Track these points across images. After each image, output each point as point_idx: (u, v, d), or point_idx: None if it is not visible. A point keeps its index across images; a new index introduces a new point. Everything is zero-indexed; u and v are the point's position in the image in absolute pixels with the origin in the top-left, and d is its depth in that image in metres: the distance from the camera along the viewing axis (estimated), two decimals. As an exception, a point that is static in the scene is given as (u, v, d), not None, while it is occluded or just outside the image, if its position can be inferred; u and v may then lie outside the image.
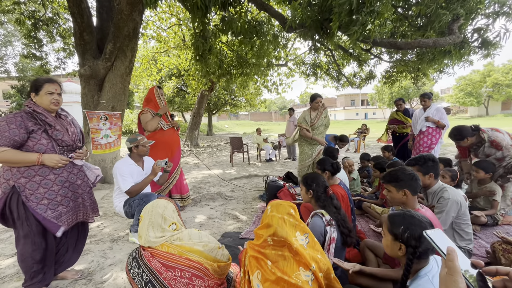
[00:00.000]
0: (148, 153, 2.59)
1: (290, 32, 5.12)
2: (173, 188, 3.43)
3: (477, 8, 3.79)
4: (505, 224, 2.78)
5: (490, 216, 2.71)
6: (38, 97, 1.65)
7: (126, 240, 2.59)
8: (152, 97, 3.29)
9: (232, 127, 35.05)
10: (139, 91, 18.49)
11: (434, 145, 3.99)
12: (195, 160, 8.36)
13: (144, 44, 10.22)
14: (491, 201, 2.77)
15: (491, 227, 2.70)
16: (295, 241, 1.16)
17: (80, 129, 1.88)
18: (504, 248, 1.92)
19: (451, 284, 0.56)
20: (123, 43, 4.59)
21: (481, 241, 2.41)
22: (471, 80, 32.47)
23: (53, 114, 1.72)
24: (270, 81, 10.17)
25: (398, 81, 7.93)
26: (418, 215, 1.11)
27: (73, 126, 1.81)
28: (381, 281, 1.55)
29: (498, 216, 2.76)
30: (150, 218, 1.21)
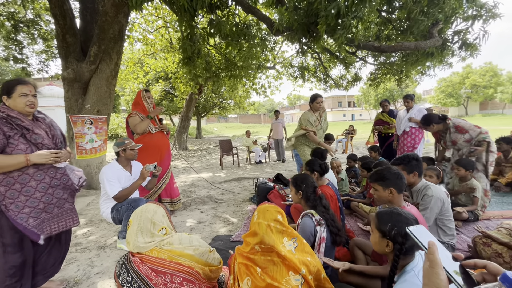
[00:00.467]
0: (136, 157, 2.55)
1: (278, 35, 5.18)
2: (163, 192, 3.39)
3: (456, 12, 3.97)
4: (485, 219, 2.90)
5: (471, 212, 2.83)
6: (11, 100, 1.56)
7: (114, 247, 2.52)
8: (139, 101, 3.24)
9: (221, 129, 34.88)
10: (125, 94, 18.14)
11: (417, 145, 4.14)
12: (184, 163, 8.27)
13: (130, 46, 10.06)
14: (472, 197, 2.90)
15: (472, 222, 2.82)
16: (282, 248, 1.17)
17: (60, 130, 1.81)
18: (484, 242, 2.01)
19: (433, 276, 0.59)
20: (108, 45, 4.50)
21: (463, 236, 2.51)
22: (451, 81, 33.85)
23: (29, 117, 1.63)
24: (259, 84, 10.22)
25: (383, 83, 8.17)
26: (404, 212, 1.15)
27: (53, 128, 1.74)
28: (370, 278, 1.58)
29: (479, 211, 2.88)
30: (139, 223, 1.19)
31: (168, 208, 3.41)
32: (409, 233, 0.70)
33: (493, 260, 1.92)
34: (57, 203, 1.71)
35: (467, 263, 0.64)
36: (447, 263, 0.61)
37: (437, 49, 4.36)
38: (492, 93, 31.70)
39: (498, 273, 0.61)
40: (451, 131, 3.14)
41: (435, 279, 0.58)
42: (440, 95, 34.63)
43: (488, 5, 3.92)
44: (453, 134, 3.14)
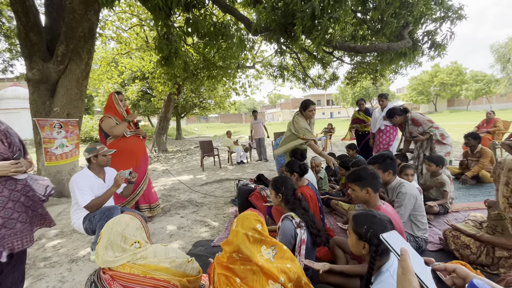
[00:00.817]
0: (109, 163, 2.42)
1: (256, 35, 5.17)
2: (140, 198, 3.26)
3: (425, 14, 4.17)
4: (454, 211, 3.08)
5: (442, 205, 2.99)
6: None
7: (87, 259, 2.39)
8: (111, 104, 3.08)
9: (202, 130, 34.38)
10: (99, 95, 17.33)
11: (392, 142, 4.31)
12: (163, 166, 8.04)
13: (102, 45, 9.59)
14: (442, 191, 3.06)
15: (443, 215, 2.98)
16: (259, 258, 1.16)
17: (19, 138, 1.66)
18: (454, 234, 2.12)
19: (406, 283, 0.60)
20: (77, 44, 4.25)
21: (435, 229, 2.64)
22: (422, 80, 35.76)
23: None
24: (239, 83, 10.17)
25: (359, 81, 8.43)
26: (379, 214, 1.18)
27: (9, 136, 1.59)
28: (350, 278, 1.62)
29: (448, 204, 3.05)
30: (108, 237, 1.12)
31: (147, 214, 3.29)
32: (383, 240, 0.71)
33: (462, 251, 2.04)
34: (19, 217, 1.57)
35: (438, 267, 0.66)
36: (419, 269, 0.62)
37: (409, 49, 4.56)
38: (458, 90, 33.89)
39: (467, 276, 0.63)
40: (409, 123, 3.49)
41: (408, 286, 0.59)
42: (412, 93, 36.49)
43: (454, 7, 4.15)
44: (410, 126, 3.48)
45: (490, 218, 2.08)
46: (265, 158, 7.97)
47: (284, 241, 1.69)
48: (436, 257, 2.15)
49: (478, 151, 4.16)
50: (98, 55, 9.74)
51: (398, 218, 1.78)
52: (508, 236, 1.84)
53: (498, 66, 25.66)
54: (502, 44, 24.85)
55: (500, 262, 1.87)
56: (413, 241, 2.17)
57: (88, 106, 24.32)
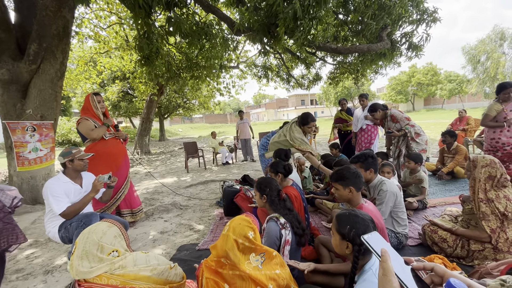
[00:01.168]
0: (86, 168, 2.31)
1: (239, 35, 5.15)
2: (122, 203, 3.14)
3: (403, 16, 4.33)
4: (432, 206, 3.21)
5: (420, 201, 3.11)
6: None
7: (64, 269, 2.27)
8: (88, 106, 2.94)
9: (187, 130, 33.85)
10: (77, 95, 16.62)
11: (373, 140, 4.44)
12: (146, 168, 7.83)
13: (79, 44, 9.19)
14: (420, 188, 3.19)
15: (421, 210, 3.10)
16: (247, 266, 1.15)
17: None
18: (432, 229, 2.21)
19: (386, 284, 0.61)
20: (51, 43, 4.05)
21: (415, 224, 2.74)
22: (400, 80, 37.23)
23: None
24: (223, 83, 10.09)
25: (341, 81, 8.61)
26: (361, 213, 1.20)
27: None
28: (335, 276, 1.64)
29: (426, 200, 3.18)
30: (84, 247, 1.06)
31: (129, 219, 3.18)
32: (364, 241, 0.72)
33: (439, 244, 2.12)
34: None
35: (417, 266, 0.67)
36: (399, 268, 0.63)
37: (388, 50, 4.72)
38: (434, 90, 35.57)
39: (444, 274, 0.65)
40: (388, 119, 3.67)
41: (388, 287, 0.60)
42: (391, 93, 37.89)
43: (429, 10, 4.34)
44: (389, 122, 3.67)
45: (465, 212, 2.19)
46: (252, 158, 7.96)
47: (269, 242, 1.69)
48: (416, 252, 2.23)
49: (454, 148, 4.37)
50: (75, 54, 9.33)
51: (379, 216, 1.82)
52: (481, 229, 1.94)
53: (469, 67, 27.15)
54: (473, 46, 26.33)
55: (475, 254, 1.97)
56: (394, 237, 2.23)
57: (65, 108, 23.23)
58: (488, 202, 1.92)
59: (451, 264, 1.77)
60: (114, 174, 2.99)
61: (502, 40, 24.85)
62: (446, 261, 1.77)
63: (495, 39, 25.15)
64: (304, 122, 3.03)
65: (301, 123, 3.06)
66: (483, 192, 1.94)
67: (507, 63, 24.72)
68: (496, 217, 1.89)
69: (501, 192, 1.90)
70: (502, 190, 1.93)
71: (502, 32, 24.66)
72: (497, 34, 24.94)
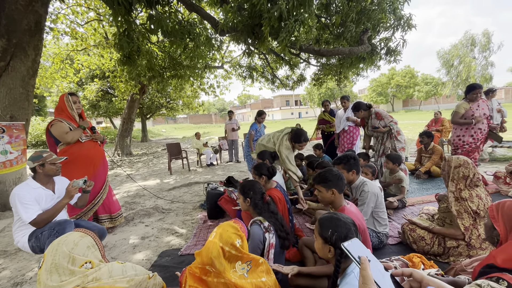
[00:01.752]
0: (59, 172, 2.18)
1: (223, 35, 5.10)
2: (100, 208, 2.99)
3: (381, 21, 4.46)
4: (410, 205, 3.33)
5: (400, 200, 3.21)
6: None
7: (35, 281, 2.12)
8: (63, 106, 2.78)
9: (170, 131, 33.16)
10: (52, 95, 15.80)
11: (355, 141, 4.55)
12: (127, 170, 7.57)
13: (54, 40, 8.73)
14: (400, 187, 3.29)
15: (401, 209, 3.20)
16: (233, 274, 1.13)
17: None
18: (410, 228, 2.28)
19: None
20: (22, 39, 3.81)
21: (395, 223, 2.82)
22: (380, 82, 38.56)
23: None
24: (207, 83, 9.96)
25: (325, 83, 8.76)
26: (343, 217, 1.20)
27: None
28: (318, 279, 1.64)
29: (405, 199, 3.29)
30: (53, 259, 0.99)
31: (107, 225, 3.04)
32: (344, 249, 0.72)
33: (417, 243, 2.19)
34: None
35: (396, 273, 0.68)
36: (379, 276, 0.63)
37: (368, 54, 4.85)
38: (412, 92, 37.14)
39: (422, 280, 0.65)
40: (372, 117, 3.79)
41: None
42: (372, 94, 39.17)
43: (405, 16, 4.51)
44: (373, 120, 3.77)
45: (440, 210, 2.28)
46: (237, 159, 7.91)
47: (253, 246, 1.67)
48: (396, 250, 2.29)
49: (431, 148, 4.56)
50: (49, 51, 8.84)
51: (361, 217, 1.85)
52: (456, 227, 2.02)
53: (443, 70, 28.63)
54: (446, 51, 27.76)
55: (450, 251, 2.05)
56: (375, 237, 2.28)
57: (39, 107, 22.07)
58: (461, 201, 2.00)
59: (429, 262, 1.83)
60: (91, 178, 2.85)
61: (473, 46, 26.40)
62: (424, 259, 1.82)
63: (466, 45, 26.67)
64: (296, 140, 2.93)
65: (293, 139, 2.96)
66: (457, 192, 2.03)
67: (478, 67, 26.28)
68: (469, 215, 1.97)
69: (474, 191, 2.00)
70: (474, 189, 2.02)
71: (472, 38, 26.19)
72: (468, 40, 26.46)
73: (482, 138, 3.52)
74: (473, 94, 3.40)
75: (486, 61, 26.30)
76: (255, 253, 1.65)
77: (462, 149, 3.56)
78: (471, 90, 3.42)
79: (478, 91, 3.38)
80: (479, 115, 3.40)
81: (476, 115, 3.39)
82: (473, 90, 3.40)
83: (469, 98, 3.45)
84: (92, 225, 2.31)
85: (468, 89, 3.48)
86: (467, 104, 3.46)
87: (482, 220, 1.98)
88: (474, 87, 3.42)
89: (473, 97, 3.41)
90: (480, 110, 3.42)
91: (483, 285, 0.67)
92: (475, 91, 3.39)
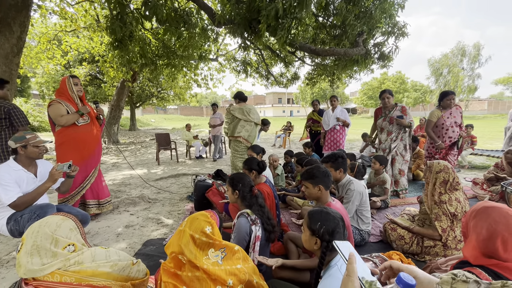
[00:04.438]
0: (42, 155, 2.11)
1: (219, 27, 5.04)
2: (88, 192, 2.93)
3: (377, 26, 4.53)
4: (393, 206, 3.44)
5: (383, 201, 3.31)
6: None
7: (12, 265, 2.06)
8: (64, 88, 2.76)
9: (160, 121, 32.60)
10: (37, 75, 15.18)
11: (342, 141, 4.64)
12: (113, 159, 7.41)
13: (42, 19, 8.36)
14: (384, 188, 3.38)
15: (384, 209, 3.30)
16: (205, 261, 1.13)
17: None
18: (391, 227, 2.36)
19: (348, 283, 0.64)
20: (7, 14, 3.63)
21: (377, 222, 2.91)
22: (372, 85, 39.21)
23: None
24: (201, 75, 9.83)
25: (318, 83, 8.83)
26: (332, 211, 1.23)
27: None
28: (301, 272, 1.68)
29: (388, 200, 3.39)
30: (34, 241, 0.96)
31: (95, 211, 2.99)
32: (335, 246, 0.76)
33: (397, 242, 2.27)
34: None
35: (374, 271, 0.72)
36: (362, 273, 0.67)
37: (362, 57, 4.92)
38: (401, 97, 38.00)
39: (399, 268, 0.69)
40: (397, 108, 3.61)
41: (350, 286, 0.63)
42: (363, 97, 39.81)
43: (400, 24, 4.60)
44: (396, 112, 3.61)
45: (421, 212, 2.37)
46: (215, 157, 7.32)
47: (239, 238, 1.68)
48: (377, 248, 2.37)
49: (416, 153, 4.70)
50: (36, 30, 8.46)
51: (345, 214, 1.90)
52: (434, 228, 2.11)
53: (432, 78, 29.44)
54: (437, 59, 28.53)
55: (427, 250, 2.14)
56: (358, 234, 2.35)
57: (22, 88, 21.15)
58: (440, 204, 2.09)
59: (407, 259, 1.90)
60: (84, 163, 2.80)
61: (463, 56, 27.26)
62: (403, 256, 1.89)
63: (457, 55, 27.50)
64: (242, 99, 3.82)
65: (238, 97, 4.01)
66: (437, 195, 2.11)
67: (465, 78, 27.20)
68: (447, 218, 2.06)
69: (453, 194, 2.08)
70: (454, 193, 2.11)
71: (463, 49, 27.01)
72: (459, 50, 27.27)
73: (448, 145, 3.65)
74: (447, 100, 3.52)
75: (473, 72, 27.25)
76: (241, 245, 1.67)
77: (433, 155, 3.73)
78: (445, 96, 3.55)
79: (451, 96, 3.52)
80: (450, 123, 3.52)
81: (447, 123, 3.53)
82: (446, 96, 3.53)
83: (443, 105, 3.58)
84: (75, 210, 2.26)
85: (441, 96, 3.60)
86: (439, 111, 3.60)
87: (459, 222, 2.07)
88: (448, 93, 3.55)
89: (446, 103, 3.54)
90: (451, 118, 3.55)
91: (459, 274, 0.71)
92: (449, 97, 3.52)
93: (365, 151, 6.68)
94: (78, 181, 2.82)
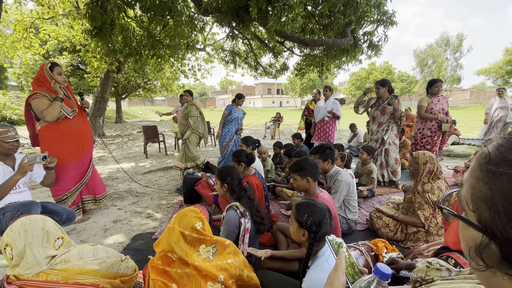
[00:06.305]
0: (15, 151, 2.02)
1: (206, 15, 4.91)
2: (83, 188, 2.83)
3: (366, 15, 4.53)
4: (379, 194, 3.54)
5: (370, 190, 3.40)
6: None
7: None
8: (44, 79, 2.45)
9: (147, 113, 31.88)
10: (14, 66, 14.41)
11: (332, 133, 4.69)
12: (100, 152, 7.23)
13: (17, 5, 7.87)
14: (370, 178, 3.47)
15: (370, 198, 3.40)
16: (196, 258, 1.13)
17: None
18: (377, 215, 2.44)
19: (335, 278, 0.66)
20: (-24, 0, 3.39)
21: (363, 211, 3.00)
22: (360, 76, 39.57)
23: None
24: (188, 65, 9.60)
25: (307, 73, 8.83)
26: (319, 203, 1.26)
27: None
28: (289, 262, 1.72)
29: (375, 189, 3.49)
30: (26, 239, 0.93)
31: (91, 207, 2.92)
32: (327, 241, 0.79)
33: (382, 229, 2.36)
34: None
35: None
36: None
37: (351, 46, 4.93)
38: (388, 88, 38.65)
39: None
40: (390, 97, 3.65)
41: (336, 280, 0.66)
42: (351, 87, 40.18)
43: (388, 12, 4.61)
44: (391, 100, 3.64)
45: (405, 200, 2.45)
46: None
47: (228, 231, 1.70)
48: (363, 236, 2.45)
49: (402, 142, 4.83)
50: (10, 17, 7.97)
51: (333, 204, 1.94)
52: (417, 216, 2.19)
53: (418, 69, 30.01)
54: (422, 50, 29.02)
55: (410, 236, 2.23)
56: (345, 223, 2.42)
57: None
58: (423, 193, 2.17)
59: (391, 246, 1.98)
60: (81, 158, 2.68)
61: (447, 47, 27.83)
62: (388, 244, 1.97)
63: (441, 45, 28.05)
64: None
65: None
66: (421, 185, 2.18)
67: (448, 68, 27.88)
68: (429, 206, 2.15)
69: (436, 183, 2.16)
70: (436, 181, 2.19)
71: (447, 39, 27.54)
72: (443, 41, 27.81)
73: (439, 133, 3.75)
74: (435, 86, 3.61)
75: (456, 63, 27.94)
76: (230, 237, 1.68)
77: (420, 144, 3.79)
78: (433, 83, 3.63)
79: (439, 84, 3.60)
80: (438, 109, 3.63)
81: (436, 109, 3.62)
82: (434, 83, 3.62)
83: (431, 92, 3.66)
84: (60, 207, 2.20)
85: (430, 83, 3.69)
86: (428, 98, 3.69)
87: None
88: (436, 81, 3.63)
89: (434, 90, 3.62)
90: (439, 105, 3.65)
91: (433, 262, 0.75)
92: (437, 84, 3.60)
93: (352, 141, 6.81)
94: (77, 178, 2.70)
